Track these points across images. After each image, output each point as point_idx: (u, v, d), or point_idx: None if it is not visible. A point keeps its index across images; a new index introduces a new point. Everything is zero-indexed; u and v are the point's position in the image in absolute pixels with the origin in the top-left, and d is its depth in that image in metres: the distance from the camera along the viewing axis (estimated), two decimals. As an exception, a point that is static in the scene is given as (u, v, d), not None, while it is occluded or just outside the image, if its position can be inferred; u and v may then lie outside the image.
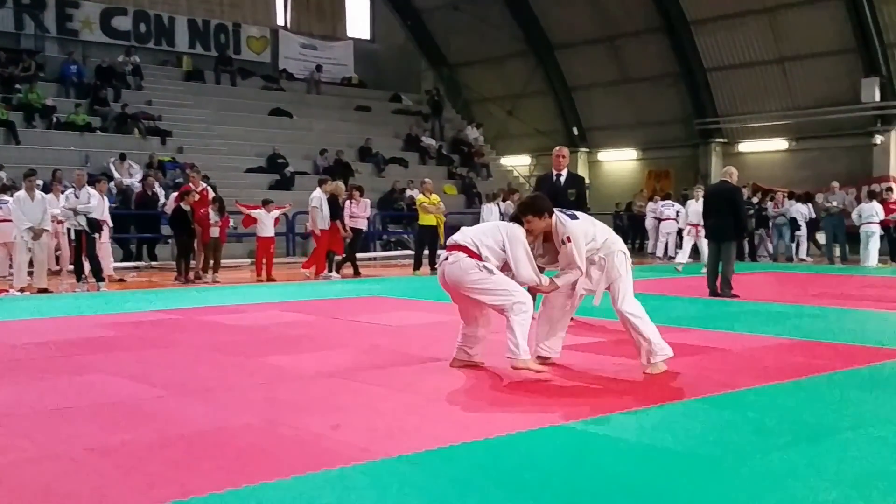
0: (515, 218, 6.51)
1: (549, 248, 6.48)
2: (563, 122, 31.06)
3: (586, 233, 6.38)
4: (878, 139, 23.99)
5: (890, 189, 21.66)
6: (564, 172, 9.84)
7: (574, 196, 9.81)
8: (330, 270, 16.48)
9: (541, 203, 6.45)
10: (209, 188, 16.73)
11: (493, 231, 6.42)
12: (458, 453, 4.38)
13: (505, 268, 6.34)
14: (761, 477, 4.04)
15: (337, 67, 31.54)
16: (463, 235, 6.44)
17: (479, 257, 6.22)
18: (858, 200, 20.39)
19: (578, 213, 6.60)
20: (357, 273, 16.81)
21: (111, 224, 16.11)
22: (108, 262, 15.58)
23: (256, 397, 5.71)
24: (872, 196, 20.31)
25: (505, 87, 31.71)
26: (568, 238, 6.27)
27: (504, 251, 6.27)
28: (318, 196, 16.21)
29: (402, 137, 28.83)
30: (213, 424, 4.98)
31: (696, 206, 17.75)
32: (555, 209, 6.44)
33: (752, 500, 3.72)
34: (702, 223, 17.16)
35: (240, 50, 29.54)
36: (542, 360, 6.61)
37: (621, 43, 28.22)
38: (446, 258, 6.40)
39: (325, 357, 7.26)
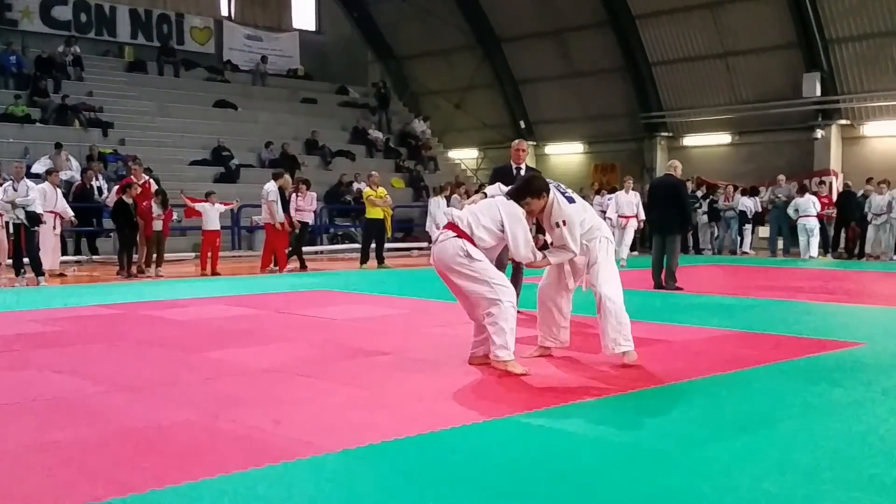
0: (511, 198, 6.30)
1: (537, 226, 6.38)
2: (510, 116, 31.12)
3: (578, 216, 6.35)
4: (819, 133, 24.38)
5: (822, 182, 22.12)
6: (523, 166, 9.81)
7: None
8: (275, 265, 16.35)
9: (538, 183, 6.34)
10: (151, 181, 16.48)
11: (492, 210, 6.18)
12: (403, 447, 4.36)
13: (492, 249, 6.23)
14: (703, 467, 4.08)
15: (282, 59, 31.24)
16: (459, 214, 6.29)
17: (470, 239, 6.06)
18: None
19: (574, 196, 6.49)
20: (303, 267, 16.69)
21: (70, 215, 15.71)
22: (56, 256, 15.28)
23: (198, 392, 5.64)
24: (804, 190, 20.69)
25: (452, 80, 31.68)
26: (563, 222, 6.21)
27: (502, 231, 6.11)
28: (275, 189, 16.09)
29: (349, 130, 28.66)
30: (154, 420, 4.90)
31: (626, 198, 17.91)
32: (552, 186, 6.36)
33: (693, 491, 3.75)
34: (632, 214, 17.51)
35: (183, 40, 29.10)
36: (545, 349, 6.64)
37: (567, 37, 28.34)
38: (438, 237, 6.26)
39: (270, 351, 7.19)
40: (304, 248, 17.58)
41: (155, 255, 15.40)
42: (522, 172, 9.67)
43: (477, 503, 3.62)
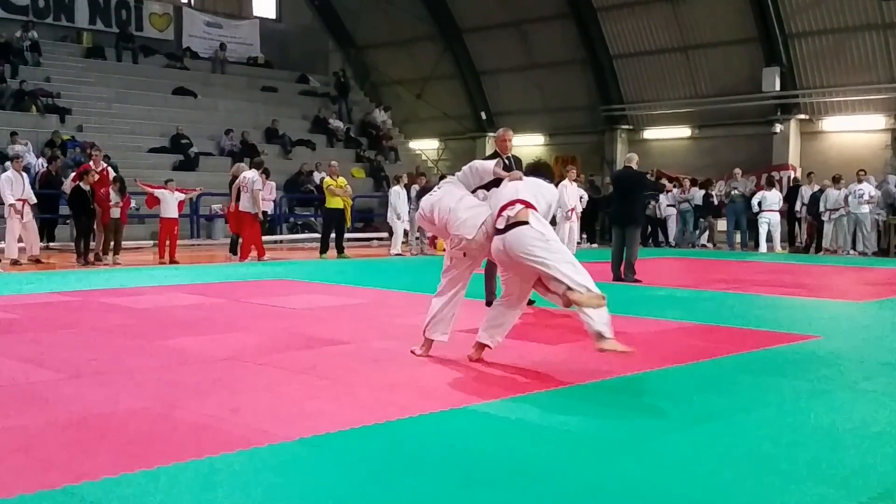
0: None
1: None
2: (471, 107, 31.09)
3: None
4: (778, 128, 24.61)
5: (770, 178, 22.38)
6: (510, 156, 9.68)
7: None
8: (234, 253, 16.30)
9: None
10: (110, 168, 16.28)
11: (550, 197, 6.17)
12: (360, 436, 4.36)
13: None
14: (659, 457, 4.12)
15: (242, 47, 30.94)
16: (520, 187, 6.06)
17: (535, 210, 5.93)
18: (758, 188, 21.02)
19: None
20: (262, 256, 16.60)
21: (33, 202, 15.47)
22: (35, 241, 15.07)
23: (154, 380, 5.58)
24: (771, 184, 20.89)
25: (413, 70, 31.58)
26: None
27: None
28: (259, 178, 16.08)
29: (310, 119, 28.50)
30: (110, 408, 4.84)
31: (573, 189, 17.77)
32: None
33: (650, 480, 3.78)
34: (573, 206, 17.36)
35: (142, 27, 28.70)
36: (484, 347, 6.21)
37: (528, 28, 28.35)
38: (507, 220, 5.84)
39: (227, 340, 7.14)
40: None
41: (112, 243, 15.23)
42: (511, 163, 9.60)
43: (433, 492, 3.62)
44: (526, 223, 5.80)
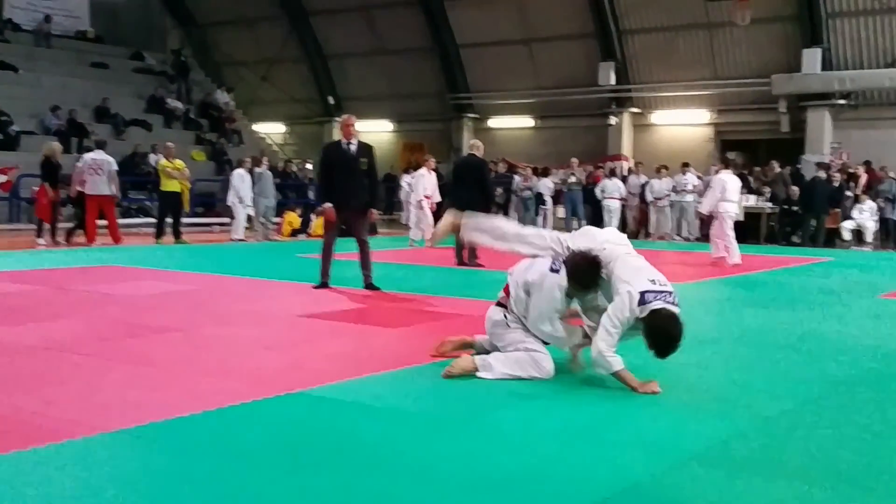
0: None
1: None
2: (318, 91, 30.67)
3: None
4: (613, 120, 25.45)
5: (600, 167, 23.19)
6: (355, 142, 9.66)
7: (366, 165, 9.71)
8: (39, 236, 15.48)
9: None
10: None
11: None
12: (187, 424, 4.15)
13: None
14: (488, 433, 4.18)
15: (69, 20, 29.34)
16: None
17: None
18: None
19: None
20: (91, 240, 15.79)
21: None
22: None
23: (-41, 371, 5.13)
24: (612, 174, 21.63)
25: (258, 52, 30.86)
26: None
27: None
28: (113, 160, 16.12)
29: (145, 98, 27.32)
30: None
31: (430, 178, 17.89)
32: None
33: (479, 455, 3.82)
34: (432, 195, 17.52)
35: (-42, -4, 26.90)
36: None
37: (376, 13, 28.15)
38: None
39: (46, 329, 6.66)
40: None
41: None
42: (354, 149, 9.57)
43: (259, 479, 3.45)
44: None
